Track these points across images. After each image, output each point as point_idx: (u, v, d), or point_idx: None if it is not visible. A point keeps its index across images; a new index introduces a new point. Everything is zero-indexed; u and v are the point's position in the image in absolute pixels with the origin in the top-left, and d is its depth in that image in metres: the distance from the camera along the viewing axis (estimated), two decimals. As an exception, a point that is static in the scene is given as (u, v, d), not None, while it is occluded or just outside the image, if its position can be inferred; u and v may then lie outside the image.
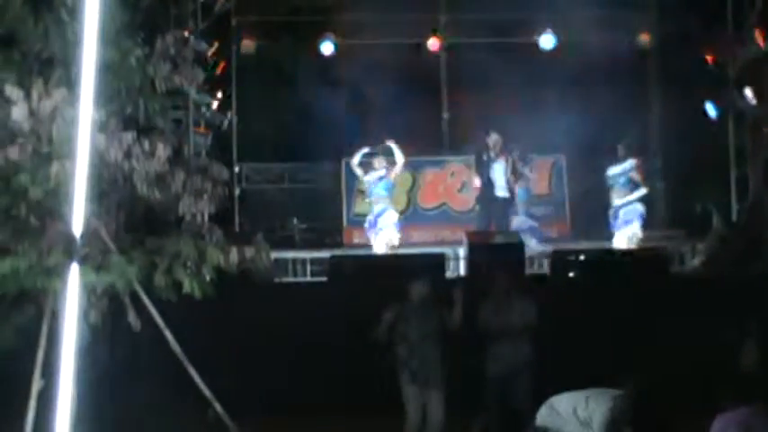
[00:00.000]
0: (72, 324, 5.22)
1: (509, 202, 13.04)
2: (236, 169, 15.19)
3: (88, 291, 6.45)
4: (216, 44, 14.09)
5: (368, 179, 12.79)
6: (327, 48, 15.26)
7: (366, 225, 12.82)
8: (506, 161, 13.02)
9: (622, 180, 12.69)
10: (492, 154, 12.94)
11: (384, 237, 12.52)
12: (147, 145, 6.65)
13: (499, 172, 12.96)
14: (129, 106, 6.82)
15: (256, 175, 15.66)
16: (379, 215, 12.62)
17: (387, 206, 12.73)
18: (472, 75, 15.23)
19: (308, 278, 12.91)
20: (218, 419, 7.27)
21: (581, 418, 5.73)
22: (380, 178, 12.72)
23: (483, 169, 13.06)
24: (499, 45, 15.18)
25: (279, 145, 15.27)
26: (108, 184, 6.65)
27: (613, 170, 12.75)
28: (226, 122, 14.64)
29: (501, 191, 12.95)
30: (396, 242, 12.60)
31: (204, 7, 13.68)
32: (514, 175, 13.05)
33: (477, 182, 13.37)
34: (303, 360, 9.63)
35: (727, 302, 9.90)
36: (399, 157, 12.77)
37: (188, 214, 6.88)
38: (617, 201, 12.69)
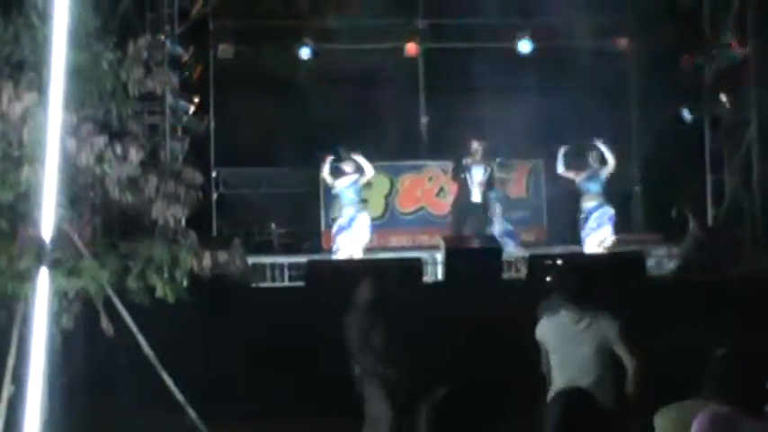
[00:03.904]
0: (42, 329, 5.20)
1: (484, 208, 13.05)
2: (214, 174, 15.14)
3: (60, 295, 6.41)
4: (193, 49, 14.02)
5: (339, 184, 12.82)
6: (305, 52, 15.24)
7: (335, 229, 12.81)
8: (485, 169, 13.02)
9: (595, 185, 12.76)
10: (471, 160, 12.96)
11: (360, 240, 12.59)
12: (119, 149, 6.63)
13: (476, 177, 12.97)
14: (101, 110, 6.78)
15: (234, 179, 15.61)
16: (352, 219, 12.66)
17: (360, 210, 12.78)
18: (450, 79, 15.25)
19: (286, 283, 12.89)
20: (192, 424, 7.25)
21: None
22: (353, 183, 12.76)
23: (461, 173, 13.06)
24: (477, 50, 15.20)
25: (257, 149, 15.22)
26: (80, 189, 6.63)
27: (584, 176, 12.81)
28: (203, 127, 14.58)
29: (476, 196, 12.97)
30: (368, 244, 12.75)
31: (181, 12, 13.62)
32: (488, 183, 13.05)
33: (453, 186, 13.41)
34: (279, 364, 9.61)
35: (703, 305, 9.97)
36: (369, 170, 12.79)
37: (161, 218, 6.85)
38: (589, 204, 12.74)
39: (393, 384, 7.79)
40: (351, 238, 12.60)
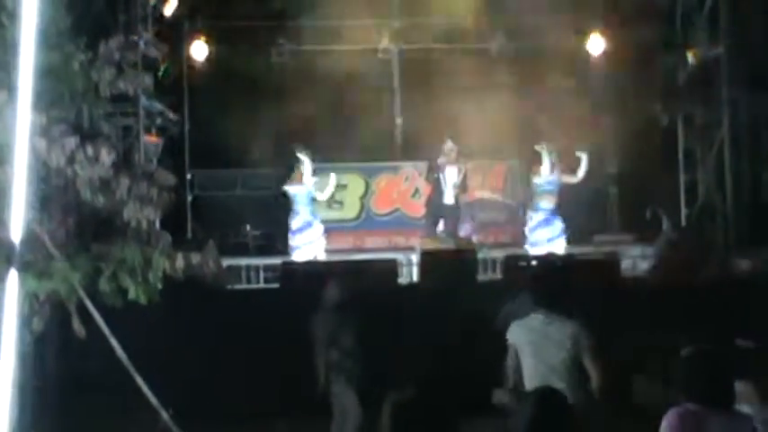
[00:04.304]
0: (11, 331, 5.16)
1: (456, 209, 13.09)
2: (189, 176, 15.07)
3: (30, 298, 6.36)
4: (167, 50, 13.94)
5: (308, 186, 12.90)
6: (280, 53, 15.21)
7: (293, 229, 12.85)
8: (458, 170, 13.05)
9: (553, 186, 12.90)
10: (445, 160, 12.97)
11: (319, 247, 12.65)
12: (90, 150, 6.58)
13: (450, 179, 12.99)
14: (73, 111, 6.73)
15: (209, 181, 15.53)
16: (309, 224, 12.75)
17: (316, 215, 13.00)
18: (426, 80, 15.25)
19: (261, 285, 12.85)
20: (166, 427, 7.21)
21: None
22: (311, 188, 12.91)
23: (435, 174, 13.07)
24: (452, 50, 15.22)
25: (232, 151, 15.15)
26: (51, 190, 6.58)
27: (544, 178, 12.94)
28: (177, 129, 14.52)
29: (449, 198, 12.99)
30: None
31: (155, 12, 13.56)
32: (462, 184, 13.10)
33: (427, 187, 13.44)
34: (254, 366, 9.59)
35: (675, 305, 10.04)
36: (328, 190, 13.01)
37: (133, 220, 6.81)
38: (548, 205, 12.87)
39: (360, 382, 7.89)
40: (309, 241, 12.67)
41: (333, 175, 13.08)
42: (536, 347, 5.99)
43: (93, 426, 7.97)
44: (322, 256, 12.71)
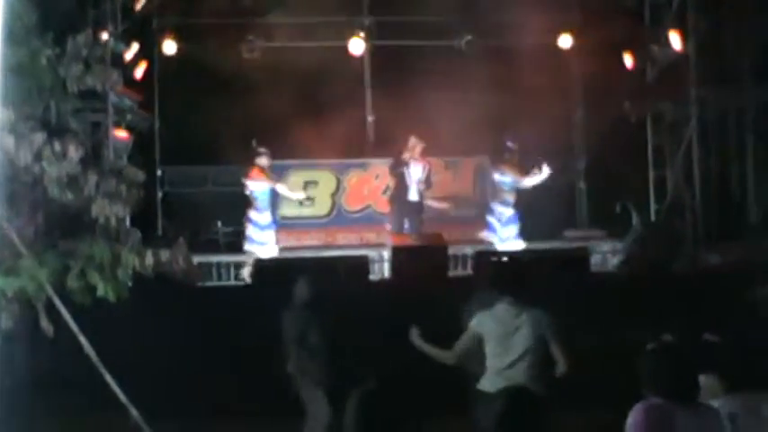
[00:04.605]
0: (-22, 329, 5.13)
1: (420, 206, 13.11)
2: (159, 172, 14.99)
3: (-2, 295, 6.32)
4: (137, 46, 13.87)
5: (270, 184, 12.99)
6: (251, 50, 15.15)
7: (253, 222, 12.88)
8: (423, 167, 13.06)
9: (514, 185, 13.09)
10: (409, 155, 12.96)
11: (270, 250, 12.79)
12: (58, 147, 6.53)
13: (414, 176, 13.00)
14: (40, 107, 6.68)
15: (180, 178, 15.46)
16: (268, 226, 12.89)
17: (274, 220, 13.18)
18: (396, 77, 15.25)
19: (232, 282, 12.84)
20: (136, 425, 7.19)
21: None
22: (272, 188, 13.04)
23: (399, 169, 13.05)
24: (423, 48, 15.24)
25: (202, 147, 15.08)
26: (19, 187, 6.53)
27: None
28: (147, 125, 14.45)
29: (414, 194, 12.99)
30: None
31: (125, 8, 13.48)
32: (427, 181, 13.13)
33: (391, 183, 13.44)
34: (225, 363, 9.57)
35: (645, 301, 10.12)
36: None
37: (102, 217, 6.77)
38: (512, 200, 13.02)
39: (329, 382, 7.88)
40: (273, 239, 12.70)
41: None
42: (502, 335, 6.09)
43: (62, 424, 7.92)
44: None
